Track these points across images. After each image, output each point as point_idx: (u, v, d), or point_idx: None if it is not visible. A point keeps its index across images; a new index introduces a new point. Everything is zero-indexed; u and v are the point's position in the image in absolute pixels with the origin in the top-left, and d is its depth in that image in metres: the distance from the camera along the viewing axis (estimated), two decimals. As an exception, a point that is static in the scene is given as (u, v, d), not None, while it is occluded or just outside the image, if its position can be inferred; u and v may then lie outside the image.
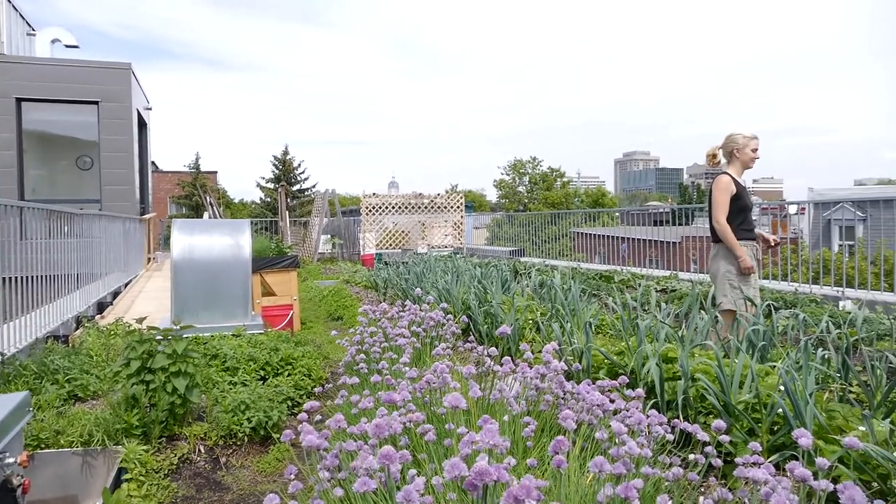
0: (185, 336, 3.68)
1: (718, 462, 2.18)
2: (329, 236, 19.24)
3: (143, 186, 14.83)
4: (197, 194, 30.41)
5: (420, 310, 4.36)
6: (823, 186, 29.80)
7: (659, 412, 3.16)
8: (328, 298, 8.97)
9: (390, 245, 17.31)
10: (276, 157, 42.24)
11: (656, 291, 8.59)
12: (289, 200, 32.39)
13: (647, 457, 2.13)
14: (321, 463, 1.86)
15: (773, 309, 4.00)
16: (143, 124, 15.02)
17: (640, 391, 2.48)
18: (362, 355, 3.46)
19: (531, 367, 2.73)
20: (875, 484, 2.22)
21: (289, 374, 4.50)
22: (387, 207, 17.31)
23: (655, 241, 14.52)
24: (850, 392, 3.21)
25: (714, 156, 4.89)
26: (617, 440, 1.75)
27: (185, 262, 5.51)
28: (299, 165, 42.56)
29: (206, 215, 17.98)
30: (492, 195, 65.16)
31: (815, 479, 2.12)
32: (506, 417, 2.19)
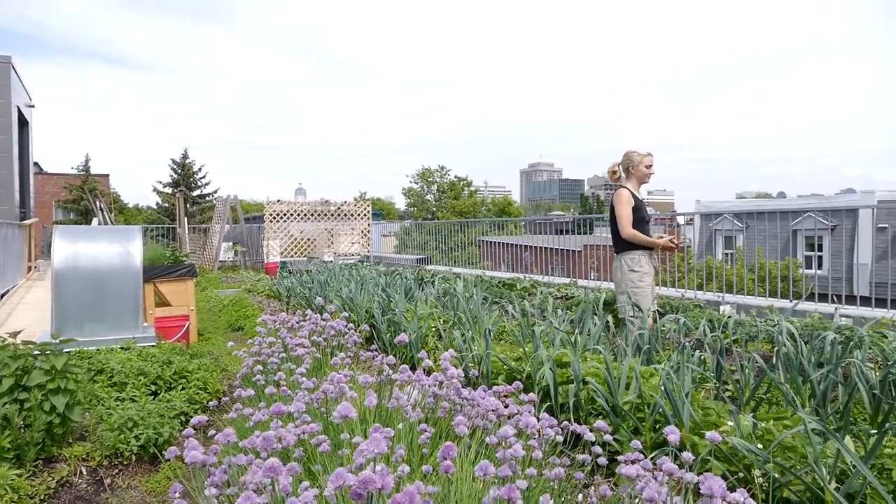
0: (66, 350, 3.45)
1: (604, 461, 2.30)
2: (231, 244, 18.58)
3: (24, 189, 13.75)
4: (86, 198, 28.49)
5: (322, 319, 4.31)
6: (709, 199, 31.98)
7: (552, 415, 3.30)
8: (228, 308, 8.67)
9: (296, 253, 16.95)
10: (174, 161, 40.38)
11: (556, 298, 8.91)
12: (188, 206, 31.02)
13: (538, 458, 2.22)
14: (209, 479, 1.81)
15: (658, 314, 4.26)
16: (23, 122, 13.95)
17: (533, 396, 2.58)
18: (259, 366, 3.37)
19: (429, 375, 2.76)
20: (741, 474, 2.42)
21: (183, 389, 4.31)
22: (293, 214, 16.94)
23: (558, 249, 15.04)
24: (726, 390, 3.47)
25: (614, 171, 5.17)
26: (504, 444, 1.82)
27: (69, 271, 5.16)
28: (200, 170, 40.90)
29: (95, 221, 16.90)
30: (400, 203, 65.31)
31: (689, 471, 2.28)
32: (401, 425, 2.21)
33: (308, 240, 17.36)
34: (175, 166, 40.26)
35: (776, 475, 2.32)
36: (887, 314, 6.38)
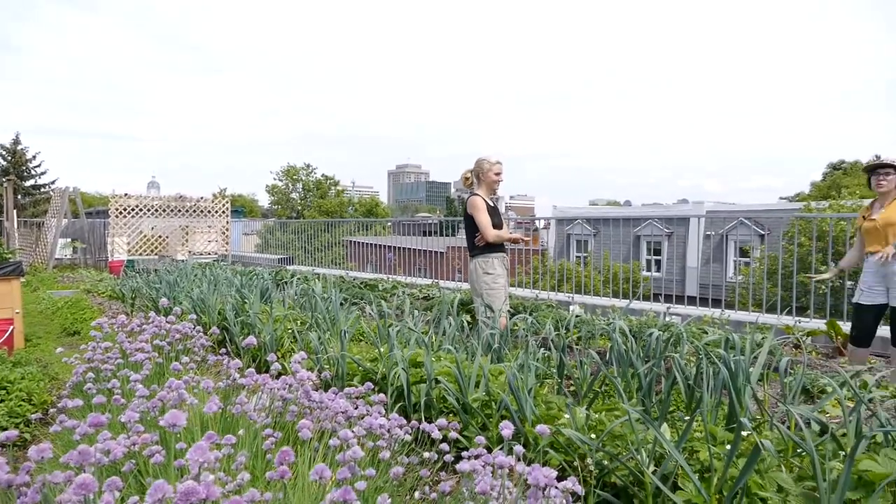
0: None
1: (451, 458, 2.36)
2: (69, 240, 16.95)
3: None
4: None
5: (167, 322, 4.06)
6: (565, 205, 33.95)
7: (406, 414, 3.35)
8: (63, 311, 7.91)
9: (146, 251, 15.81)
10: (3, 147, 36.14)
11: (418, 299, 9.02)
12: (18, 197, 27.88)
13: (385, 458, 2.24)
14: (19, 500, 1.64)
15: (509, 315, 4.45)
16: None
17: (384, 396, 2.60)
18: (92, 374, 3.11)
19: (277, 378, 2.69)
20: (576, 463, 2.59)
21: (2, 401, 3.88)
22: (143, 210, 15.78)
23: (423, 250, 15.26)
24: (570, 385, 3.71)
25: (467, 178, 5.35)
26: (344, 446, 1.81)
27: None
28: (34, 157, 36.93)
29: None
30: (264, 201, 62.97)
31: (528, 463, 2.41)
32: (241, 431, 2.13)
33: (160, 237, 16.26)
34: (4, 153, 36.05)
35: (605, 462, 2.51)
36: (709, 312, 7.12)
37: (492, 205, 5.25)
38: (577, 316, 7.02)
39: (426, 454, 2.39)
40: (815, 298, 7.15)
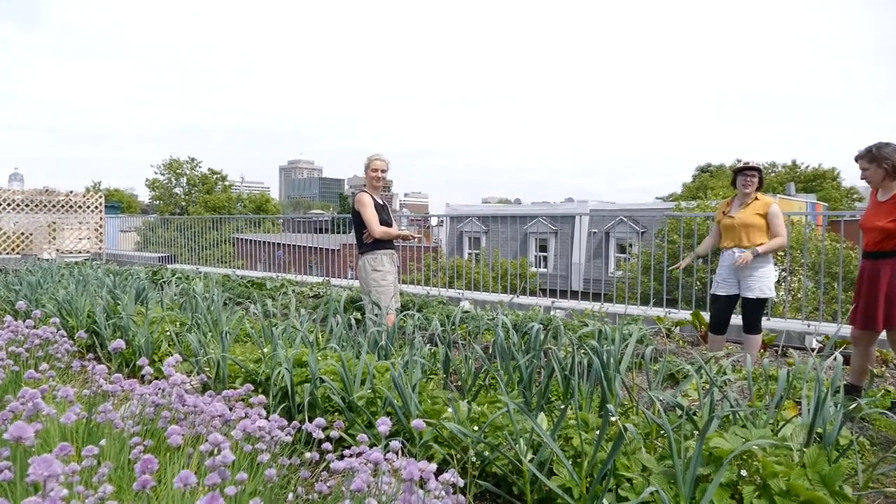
0: None
1: (332, 456, 2.34)
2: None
3: None
4: None
5: (25, 326, 3.73)
6: (458, 202, 34.50)
7: (290, 415, 3.28)
8: None
9: (6, 249, 14.43)
10: None
11: (308, 297, 8.85)
12: None
13: (264, 461, 2.18)
14: None
15: (398, 312, 4.46)
16: None
17: (262, 398, 2.53)
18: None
19: (147, 384, 2.55)
20: (459, 455, 2.65)
21: None
22: (3, 204, 14.39)
23: (316, 248, 14.95)
24: (459, 380, 3.78)
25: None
26: (215, 451, 1.76)
27: None
28: None
29: None
30: (144, 196, 59.25)
31: (416, 459, 2.43)
32: (103, 441, 2.00)
33: (24, 234, 14.90)
34: None
35: (487, 453, 2.59)
36: (590, 306, 7.50)
37: (380, 202, 5.25)
38: (465, 311, 7.16)
39: (307, 454, 2.35)
40: (682, 291, 7.70)
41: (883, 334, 4.11)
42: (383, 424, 1.88)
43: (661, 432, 2.65)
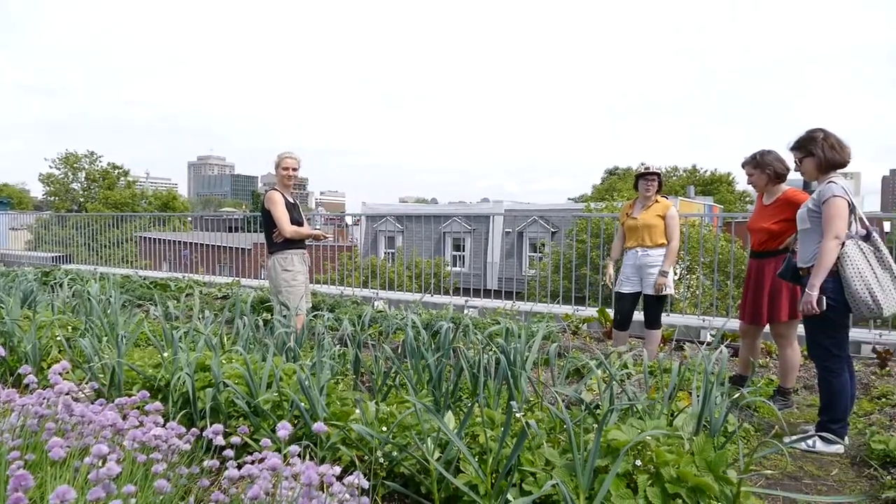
0: None
1: (234, 463, 2.26)
2: None
3: None
4: None
5: None
6: (375, 202, 34.27)
7: (192, 422, 3.15)
8: None
9: None
10: None
11: (216, 299, 8.54)
12: None
13: (159, 472, 2.08)
14: None
15: (309, 312, 4.38)
16: None
17: (159, 405, 2.41)
18: None
19: (31, 393, 2.38)
20: (367, 457, 2.63)
21: None
22: None
23: (227, 247, 14.44)
24: (372, 380, 3.75)
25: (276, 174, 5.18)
26: (99, 462, 1.66)
27: None
28: None
29: None
30: (37, 191, 55.22)
31: (321, 462, 2.39)
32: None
33: None
34: None
35: (395, 454, 2.58)
36: (502, 304, 7.65)
37: (291, 200, 5.14)
38: (379, 311, 7.13)
39: (207, 462, 2.26)
40: (590, 289, 7.99)
41: (767, 327, 4.42)
42: (283, 429, 1.84)
43: (565, 427, 2.74)
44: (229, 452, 2.26)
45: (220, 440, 2.29)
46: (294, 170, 5.11)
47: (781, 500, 2.78)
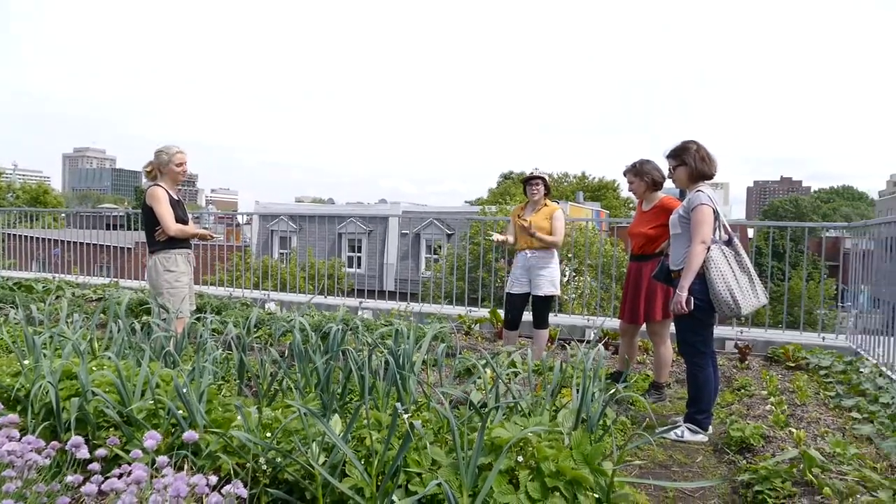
0: None
1: (100, 477, 2.11)
2: None
3: None
4: None
5: None
6: (270, 201, 33.26)
7: (57, 435, 2.91)
8: None
9: None
10: None
11: (91, 301, 7.97)
12: None
13: (12, 490, 1.91)
14: None
15: (192, 315, 4.18)
16: None
17: (14, 417, 2.21)
18: None
19: None
20: (249, 464, 2.54)
21: None
22: None
23: (106, 245, 13.51)
24: (260, 385, 3.62)
25: (150, 170, 4.89)
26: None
27: None
28: None
29: None
30: None
31: (200, 471, 2.28)
32: None
33: None
34: None
35: (279, 460, 2.51)
36: (397, 306, 7.65)
37: (175, 197, 4.89)
38: (270, 313, 6.93)
39: (69, 478, 2.10)
40: (482, 291, 8.16)
41: (644, 326, 4.71)
42: (150, 439, 1.74)
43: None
44: (95, 466, 2.11)
45: (83, 453, 2.13)
46: (184, 165, 4.90)
47: (653, 487, 2.96)
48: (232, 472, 2.51)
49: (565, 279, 16.48)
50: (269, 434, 2.66)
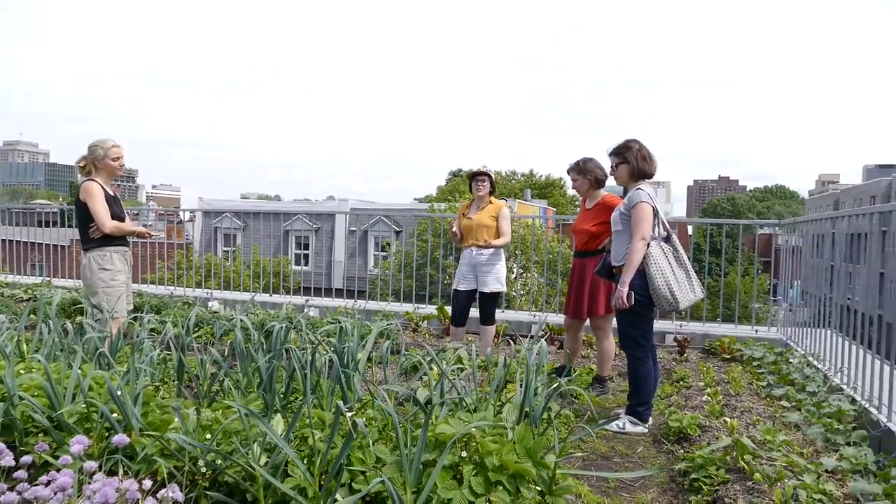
0: None
1: (26, 486, 2.02)
2: None
3: None
4: None
5: None
6: (214, 197, 32.44)
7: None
8: None
9: None
10: None
11: (21, 301, 7.63)
12: None
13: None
14: None
15: (129, 314, 4.04)
16: None
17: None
18: None
19: None
20: (188, 467, 2.47)
21: None
22: None
23: (38, 243, 12.93)
24: (190, 386, 3.52)
25: (84, 165, 4.70)
26: None
27: None
28: None
29: None
30: None
31: (136, 476, 2.20)
32: None
33: None
34: None
35: (219, 462, 2.45)
36: (345, 303, 7.58)
37: (111, 193, 4.71)
38: (214, 312, 6.77)
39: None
40: (430, 287, 8.17)
41: (588, 321, 4.80)
42: (77, 444, 1.68)
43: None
44: (21, 474, 2.01)
45: (7, 460, 2.03)
46: (120, 159, 4.73)
47: (595, 478, 3.03)
48: (168, 476, 2.44)
49: (513, 276, 16.66)
50: (208, 436, 2.59)
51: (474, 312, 5.57)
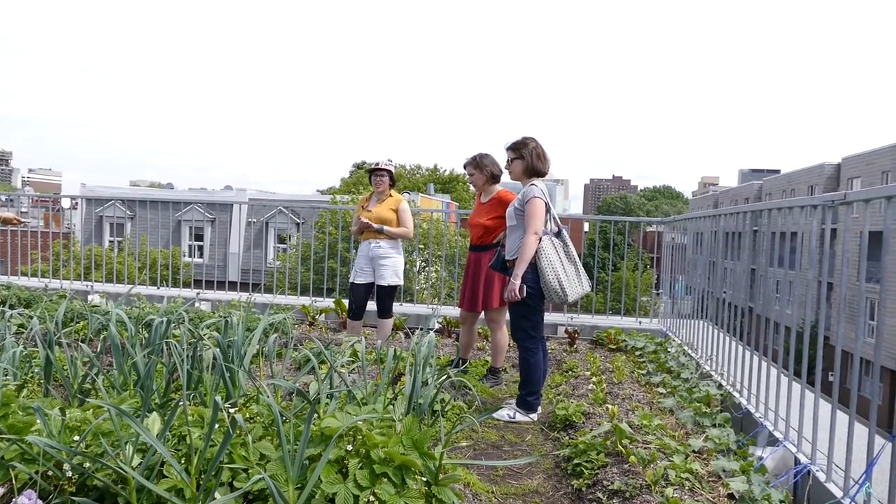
0: None
1: None
2: None
3: None
4: None
5: None
6: (101, 184, 30.32)
7: None
8: None
9: None
10: None
11: None
12: None
13: None
14: None
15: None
16: None
17: None
18: None
19: None
20: (52, 472, 2.30)
21: None
22: None
23: None
24: (60, 386, 3.28)
25: None
26: None
27: None
28: None
29: None
30: None
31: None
32: None
33: None
34: None
35: (87, 465, 2.30)
36: (237, 296, 7.33)
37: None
38: (95, 306, 6.33)
39: None
40: (332, 280, 8.05)
41: (483, 314, 4.89)
42: None
43: (284, 419, 2.70)
44: None
45: None
46: None
47: (484, 467, 3.10)
48: (30, 482, 2.26)
49: (416, 269, 16.72)
50: (76, 437, 2.42)
51: (372, 306, 5.54)
